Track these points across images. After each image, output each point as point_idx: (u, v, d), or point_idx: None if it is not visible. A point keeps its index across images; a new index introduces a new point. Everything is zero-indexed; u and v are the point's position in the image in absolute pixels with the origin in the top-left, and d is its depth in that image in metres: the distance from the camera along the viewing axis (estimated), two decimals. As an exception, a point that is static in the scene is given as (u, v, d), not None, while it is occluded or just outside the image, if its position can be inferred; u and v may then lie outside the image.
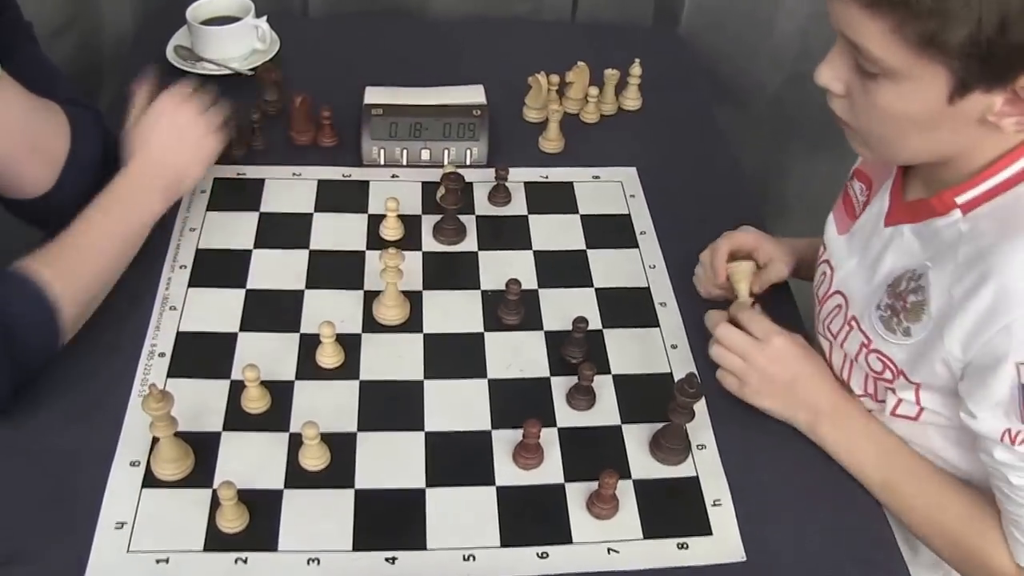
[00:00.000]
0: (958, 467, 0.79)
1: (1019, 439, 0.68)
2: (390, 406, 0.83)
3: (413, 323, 0.91)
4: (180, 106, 0.92)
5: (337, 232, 1.00)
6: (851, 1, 0.65)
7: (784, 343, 0.82)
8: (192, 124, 0.93)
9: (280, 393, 0.83)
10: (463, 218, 1.02)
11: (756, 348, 0.82)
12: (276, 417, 0.81)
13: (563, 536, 0.75)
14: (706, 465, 0.81)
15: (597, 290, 0.97)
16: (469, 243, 1.01)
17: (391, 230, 0.99)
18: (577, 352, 0.89)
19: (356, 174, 1.08)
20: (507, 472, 0.79)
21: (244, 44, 1.22)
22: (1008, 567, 0.74)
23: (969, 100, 0.65)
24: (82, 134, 0.88)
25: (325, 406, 0.82)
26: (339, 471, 0.78)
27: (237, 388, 0.82)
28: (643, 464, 0.81)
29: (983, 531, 0.75)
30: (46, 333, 0.77)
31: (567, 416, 0.84)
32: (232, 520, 0.72)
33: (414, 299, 0.93)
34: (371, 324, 0.90)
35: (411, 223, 1.01)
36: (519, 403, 0.84)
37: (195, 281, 0.93)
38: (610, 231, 1.04)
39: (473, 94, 1.12)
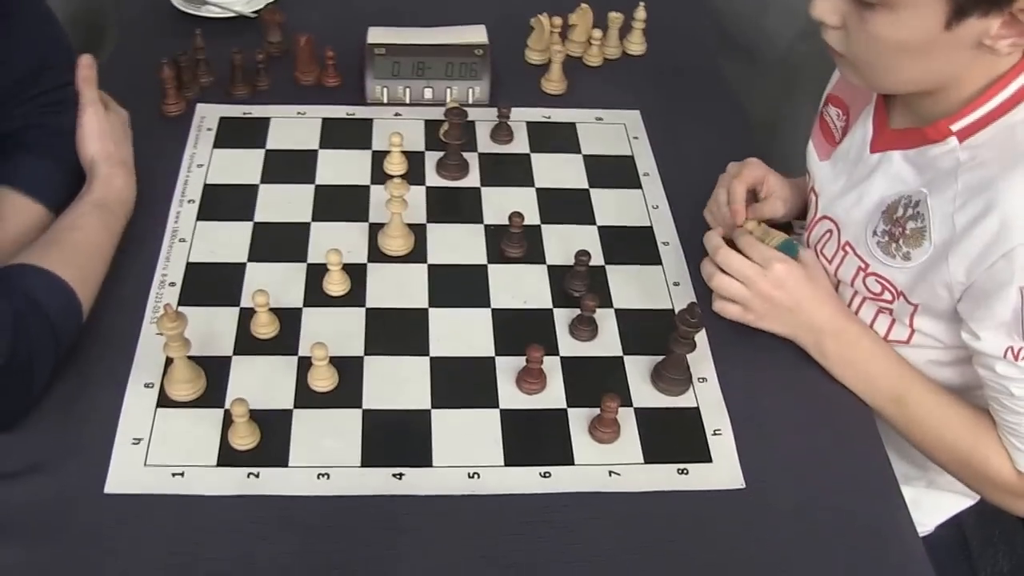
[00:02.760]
0: (947, 386, 0.82)
1: (1021, 355, 0.72)
2: (396, 332, 0.85)
3: (417, 254, 0.93)
4: (105, 117, 0.91)
5: (342, 167, 1.01)
6: None
7: (785, 268, 0.83)
8: (117, 124, 0.93)
9: (288, 319, 0.85)
10: (466, 155, 1.03)
11: (759, 274, 0.83)
12: (285, 342, 0.83)
13: (565, 458, 0.77)
14: (707, 396, 0.83)
15: (599, 228, 0.98)
16: (472, 179, 1.02)
17: (395, 165, 1.00)
18: (580, 285, 0.90)
19: (360, 112, 1.09)
20: (510, 396, 0.81)
21: (247, -14, 1.22)
22: (1008, 473, 0.77)
23: (965, 25, 0.66)
24: None
25: (332, 331, 0.84)
26: (347, 392, 0.80)
27: (246, 315, 0.84)
28: (644, 394, 0.83)
29: (984, 440, 0.78)
30: (74, 317, 0.78)
31: (569, 346, 0.86)
32: (244, 437, 0.74)
33: (418, 232, 0.94)
34: (376, 255, 0.92)
35: (414, 159, 1.02)
36: (522, 332, 0.86)
37: (203, 215, 0.95)
38: (613, 171, 1.05)
39: (475, 34, 1.12)
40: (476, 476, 0.75)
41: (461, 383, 0.82)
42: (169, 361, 0.77)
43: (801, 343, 0.85)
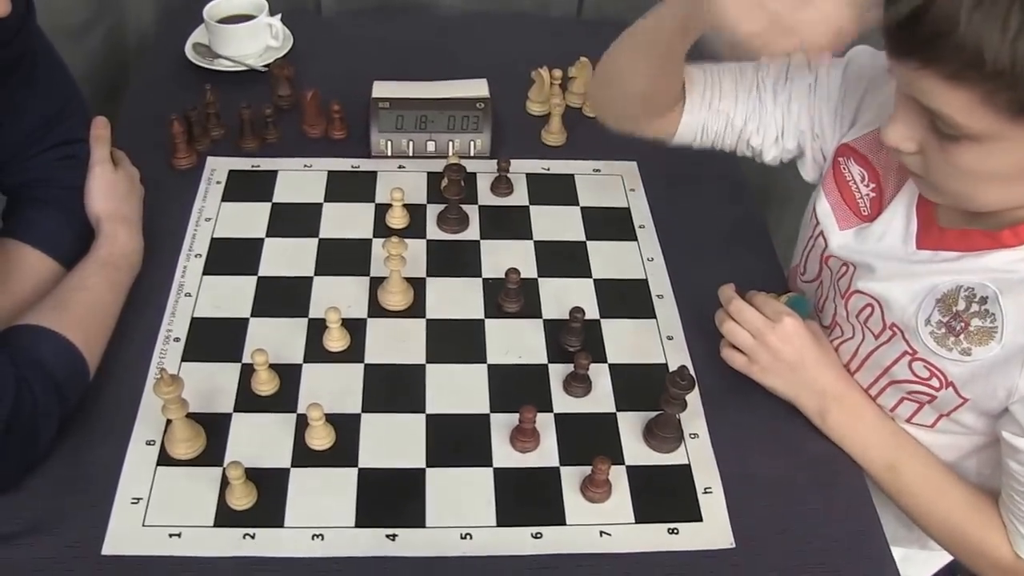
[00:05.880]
0: (962, 471, 0.82)
1: None
2: (393, 389, 0.87)
3: (416, 309, 0.94)
4: (113, 175, 0.94)
5: (345, 221, 1.04)
6: (930, 73, 0.62)
7: (794, 324, 0.83)
8: (124, 182, 0.95)
9: (288, 376, 0.86)
10: (466, 208, 1.05)
11: (768, 327, 0.83)
12: (284, 399, 0.85)
13: (557, 518, 0.78)
14: (698, 454, 0.84)
15: (595, 281, 0.99)
16: (472, 232, 1.04)
17: (397, 219, 1.02)
18: (574, 341, 0.92)
19: (364, 165, 1.11)
20: (504, 454, 0.82)
21: (259, 41, 1.25)
22: (1004, 553, 0.77)
23: None
24: None
25: (331, 388, 0.86)
26: (343, 451, 0.81)
27: (248, 371, 0.86)
28: (636, 451, 0.84)
29: (983, 520, 0.78)
30: (80, 379, 0.80)
31: (563, 402, 0.87)
32: (240, 498, 0.76)
33: (417, 286, 0.96)
34: (376, 309, 0.94)
35: (416, 212, 1.04)
36: (517, 388, 0.87)
37: (209, 269, 0.97)
38: (609, 223, 1.07)
39: (477, 88, 1.14)
40: (468, 537, 0.76)
41: (456, 441, 0.83)
42: (169, 420, 0.79)
43: (802, 405, 0.85)
